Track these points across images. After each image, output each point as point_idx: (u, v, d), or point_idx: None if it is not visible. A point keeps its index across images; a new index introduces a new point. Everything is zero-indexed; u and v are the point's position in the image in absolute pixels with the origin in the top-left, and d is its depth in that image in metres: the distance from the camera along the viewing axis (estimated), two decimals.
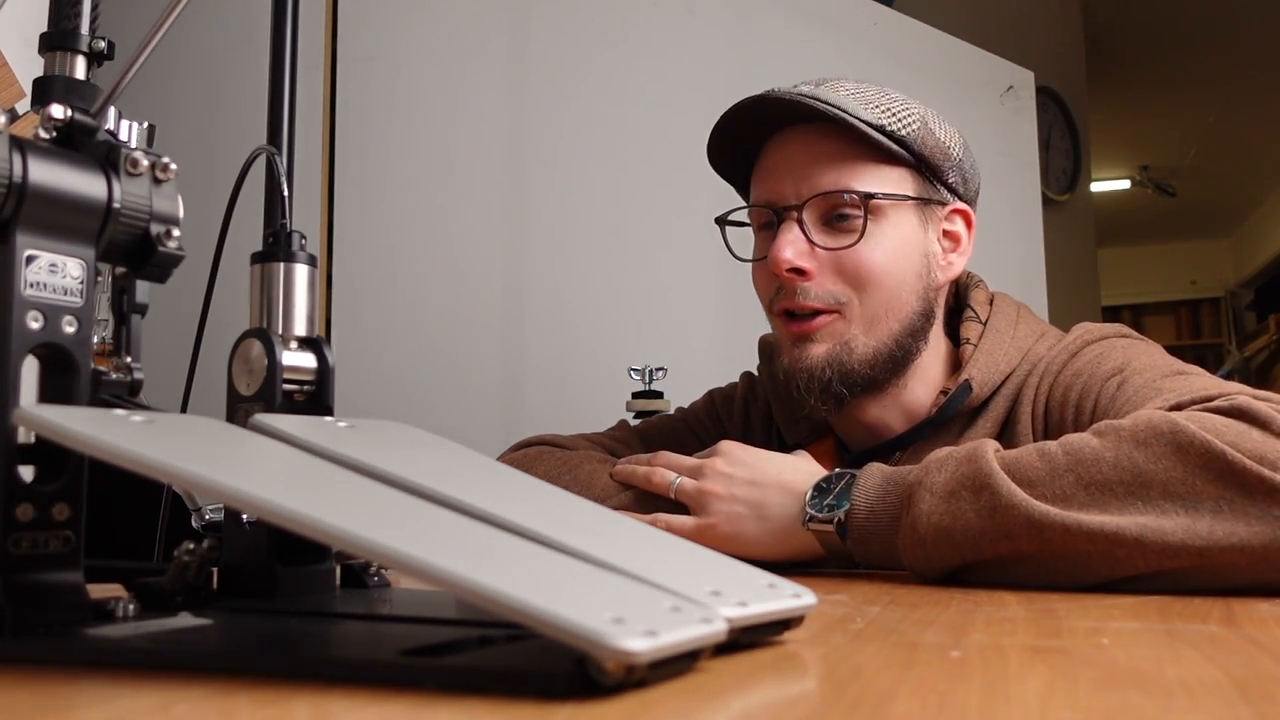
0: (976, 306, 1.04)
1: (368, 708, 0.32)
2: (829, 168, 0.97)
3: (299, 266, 0.57)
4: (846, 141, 0.97)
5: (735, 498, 0.87)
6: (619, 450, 1.10)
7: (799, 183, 0.97)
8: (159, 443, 0.42)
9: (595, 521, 0.50)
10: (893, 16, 2.69)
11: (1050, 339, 1.02)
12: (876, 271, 0.97)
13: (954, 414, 1.00)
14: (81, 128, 0.47)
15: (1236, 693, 0.35)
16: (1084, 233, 4.38)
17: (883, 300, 0.97)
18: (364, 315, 1.80)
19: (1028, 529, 0.71)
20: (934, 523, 0.75)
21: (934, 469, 0.77)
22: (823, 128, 0.97)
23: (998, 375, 0.99)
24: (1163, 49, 5.39)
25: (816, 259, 0.96)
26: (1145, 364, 0.92)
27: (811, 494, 0.84)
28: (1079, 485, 0.71)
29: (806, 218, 0.97)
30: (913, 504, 0.77)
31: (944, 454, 0.79)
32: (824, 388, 0.96)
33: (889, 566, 0.80)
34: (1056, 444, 0.75)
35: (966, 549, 0.74)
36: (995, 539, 0.72)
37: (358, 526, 0.38)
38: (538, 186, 2.01)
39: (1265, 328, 7.22)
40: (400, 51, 1.89)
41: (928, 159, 0.99)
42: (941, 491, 0.76)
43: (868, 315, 0.97)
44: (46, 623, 0.42)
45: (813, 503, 0.83)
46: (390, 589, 0.58)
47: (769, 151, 1.01)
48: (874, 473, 0.82)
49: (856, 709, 0.33)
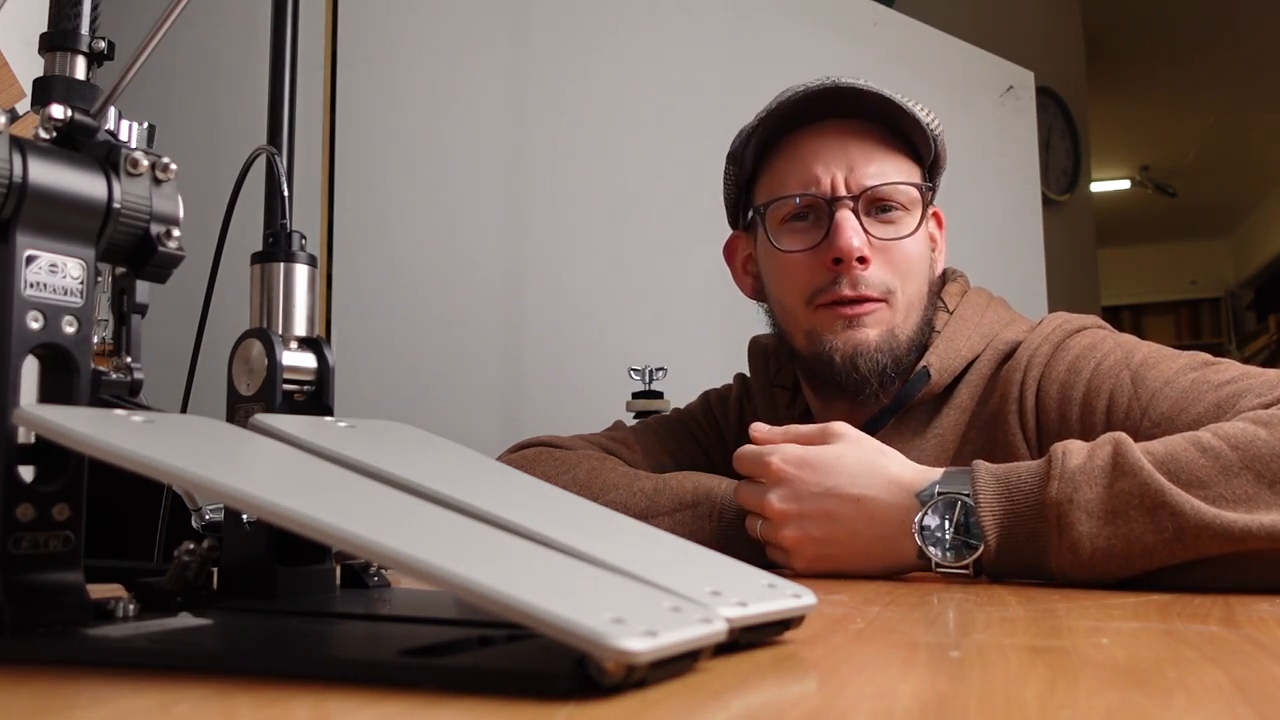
0: (947, 299, 1.07)
1: (368, 708, 0.32)
2: (878, 160, 1.01)
3: (299, 266, 0.57)
4: (883, 135, 1.01)
5: (816, 539, 0.79)
6: (617, 450, 1.10)
7: (850, 173, 1.00)
8: (159, 443, 0.42)
9: (595, 521, 0.50)
10: (893, 16, 2.69)
11: (1019, 326, 1.03)
12: (915, 262, 1.02)
13: (914, 401, 1.00)
14: (81, 128, 0.47)
15: (1236, 693, 0.35)
16: (1084, 233, 4.38)
17: (916, 289, 1.02)
18: (364, 315, 1.80)
19: (1223, 543, 0.66)
20: (1101, 547, 0.69)
21: (1081, 483, 0.70)
22: (858, 121, 1.01)
23: (958, 361, 1.01)
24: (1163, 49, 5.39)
25: (872, 248, 0.99)
26: (1153, 354, 0.92)
27: (922, 530, 0.75)
28: (1260, 484, 0.67)
29: (859, 208, 0.99)
30: (1068, 527, 0.70)
31: (1077, 460, 0.71)
32: (881, 370, 0.98)
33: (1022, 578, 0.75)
34: (1209, 436, 0.70)
35: (1138, 564, 0.69)
36: (1177, 553, 0.67)
37: (358, 526, 0.38)
38: (537, 186, 2.01)
39: (1265, 328, 7.22)
40: (400, 51, 1.89)
41: (938, 160, 1.06)
42: (1101, 512, 0.69)
43: (906, 303, 1.01)
44: (46, 623, 0.42)
45: (932, 542, 0.75)
46: (390, 589, 0.58)
47: (803, 140, 1.02)
48: (990, 487, 0.74)
49: (856, 709, 0.33)
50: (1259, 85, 5.57)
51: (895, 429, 1.01)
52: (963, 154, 1.12)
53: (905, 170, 1.02)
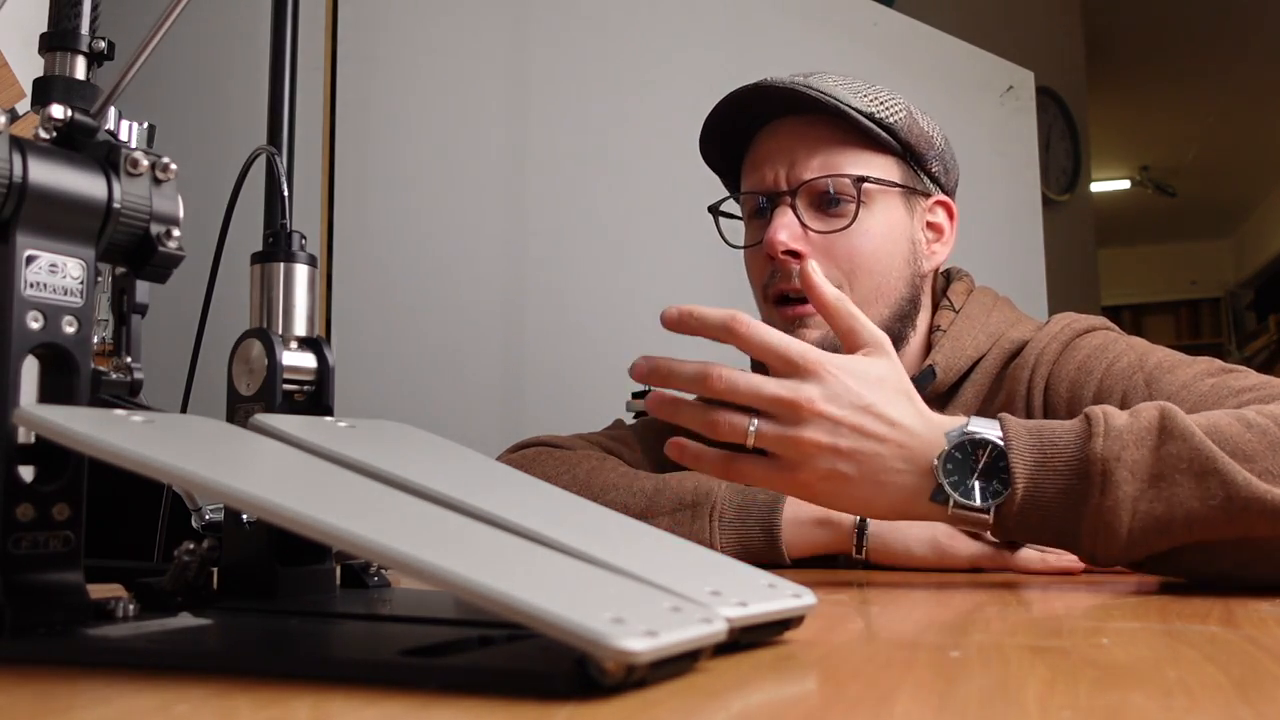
0: (953, 297, 1.06)
1: (368, 708, 0.32)
2: (820, 154, 1.00)
3: (299, 266, 0.57)
4: (836, 130, 1.00)
5: (840, 452, 0.68)
6: (617, 450, 1.10)
7: (790, 169, 1.00)
8: (159, 443, 0.42)
9: (595, 521, 0.50)
10: (893, 16, 2.69)
11: (1026, 325, 1.03)
12: (867, 256, 0.99)
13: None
14: (81, 128, 0.47)
15: (1236, 693, 0.35)
16: (1084, 233, 4.38)
17: (873, 285, 1.00)
18: (364, 315, 1.80)
19: (1271, 520, 0.63)
20: (1143, 510, 0.64)
21: (1129, 442, 0.65)
22: (812, 117, 1.00)
23: (964, 360, 1.01)
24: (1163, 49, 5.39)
25: (809, 243, 0.99)
26: (1168, 358, 0.91)
27: (945, 467, 0.68)
28: None
29: (799, 203, 0.99)
30: (1112, 486, 0.65)
31: (1121, 420, 0.66)
32: None
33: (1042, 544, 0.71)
34: (1253, 414, 0.67)
35: (1178, 534, 0.64)
36: (1220, 526, 0.64)
37: (358, 526, 0.38)
38: (537, 186, 2.01)
39: (1265, 328, 7.22)
40: (400, 51, 1.89)
41: (913, 147, 1.03)
42: (1146, 474, 0.64)
43: (858, 300, 0.97)
44: (46, 623, 0.42)
45: (952, 481, 0.68)
46: (390, 589, 0.58)
47: (759, 141, 1.04)
48: (1022, 436, 0.68)
49: (856, 709, 0.33)
50: (1259, 85, 5.57)
51: None
52: (963, 154, 1.12)
53: (862, 163, 1.00)
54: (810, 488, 0.70)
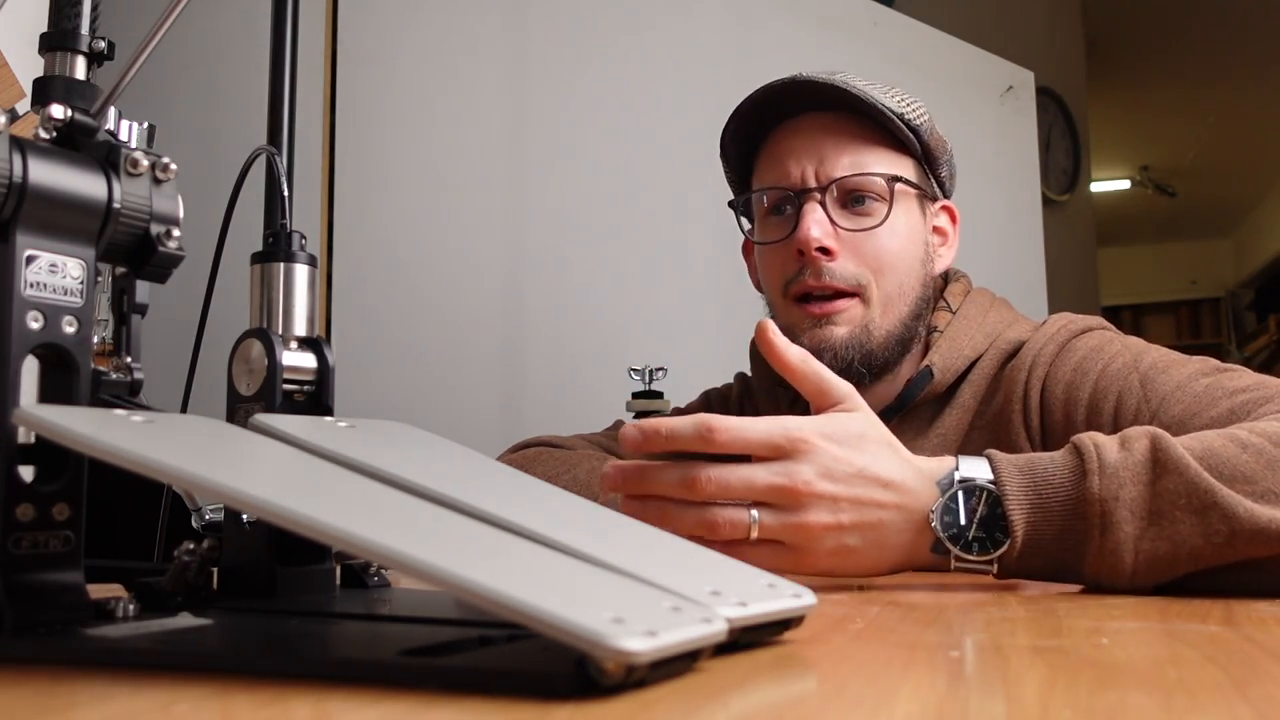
0: (950, 298, 1.07)
1: (368, 708, 0.32)
2: (850, 152, 1.00)
3: (299, 266, 0.57)
4: (863, 128, 1.01)
5: (844, 528, 0.67)
6: (617, 449, 1.10)
7: (820, 165, 1.00)
8: (159, 443, 0.42)
9: (595, 521, 0.50)
10: (893, 16, 2.69)
11: (1023, 326, 1.03)
12: (893, 254, 1.00)
13: (918, 400, 1.00)
14: (81, 128, 0.47)
15: (1236, 693, 0.35)
16: (1084, 233, 4.38)
17: (897, 283, 1.00)
18: (364, 315, 1.80)
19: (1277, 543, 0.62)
20: (1145, 549, 0.63)
21: (1126, 479, 0.64)
22: (836, 114, 1.01)
23: (961, 361, 1.01)
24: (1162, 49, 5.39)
25: (839, 240, 0.99)
26: (1163, 358, 0.92)
27: (943, 520, 0.68)
28: None
29: (828, 200, 0.99)
30: (1112, 527, 0.64)
31: (1114, 455, 0.66)
32: (846, 368, 0.97)
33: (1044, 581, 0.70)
34: (1244, 432, 0.67)
35: (1183, 568, 0.64)
36: (1224, 556, 0.63)
37: (358, 526, 0.38)
38: (537, 186, 2.01)
39: (1265, 328, 7.22)
40: (400, 51, 1.89)
41: (931, 150, 1.04)
42: (1145, 511, 0.64)
43: (884, 298, 1.00)
44: (46, 623, 0.42)
45: (951, 535, 0.67)
46: (390, 589, 0.58)
47: (779, 137, 1.03)
48: (1015, 477, 0.67)
49: (856, 709, 0.33)
50: (1259, 85, 5.57)
51: (897, 429, 1.01)
52: (963, 154, 1.12)
53: (888, 162, 1.01)
54: (819, 565, 0.69)
